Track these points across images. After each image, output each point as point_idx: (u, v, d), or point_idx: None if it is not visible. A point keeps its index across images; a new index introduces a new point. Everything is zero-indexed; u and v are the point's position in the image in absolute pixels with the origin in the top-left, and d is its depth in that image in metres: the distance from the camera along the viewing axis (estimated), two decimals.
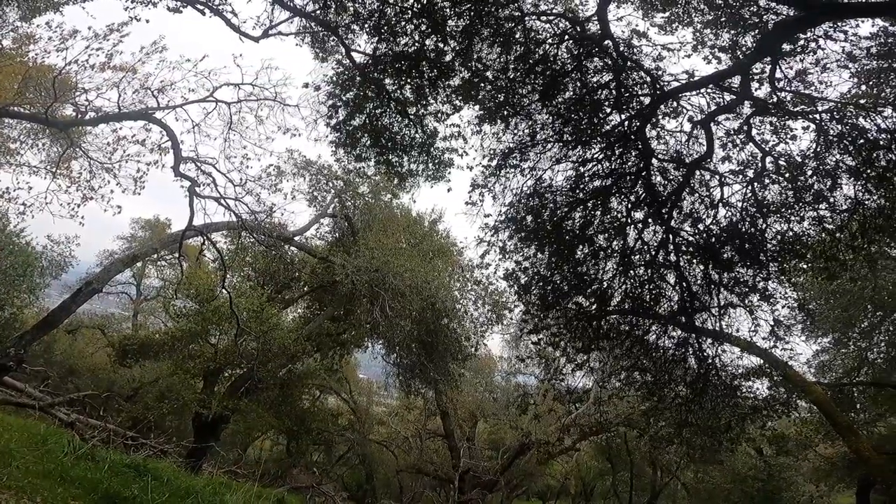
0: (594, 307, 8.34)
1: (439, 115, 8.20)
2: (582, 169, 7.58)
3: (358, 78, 8.06)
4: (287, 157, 16.19)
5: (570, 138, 7.55)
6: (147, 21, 9.36)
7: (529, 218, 8.05)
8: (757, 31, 6.63)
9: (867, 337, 14.18)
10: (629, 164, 7.68)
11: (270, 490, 7.70)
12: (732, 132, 7.44)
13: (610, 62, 7.05)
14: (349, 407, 23.66)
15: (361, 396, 25.57)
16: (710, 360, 8.27)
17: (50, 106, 11.57)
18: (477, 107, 7.75)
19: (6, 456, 4.86)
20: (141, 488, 4.82)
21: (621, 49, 6.95)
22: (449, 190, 10.46)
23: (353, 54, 8.01)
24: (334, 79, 8.22)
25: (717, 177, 7.64)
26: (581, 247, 8.04)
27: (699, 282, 7.96)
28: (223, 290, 13.81)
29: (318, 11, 7.85)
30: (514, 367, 23.21)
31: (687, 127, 7.56)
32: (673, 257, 7.72)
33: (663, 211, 7.46)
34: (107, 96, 12.38)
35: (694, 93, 7.12)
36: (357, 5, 7.41)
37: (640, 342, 8.50)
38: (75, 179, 13.52)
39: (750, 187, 7.55)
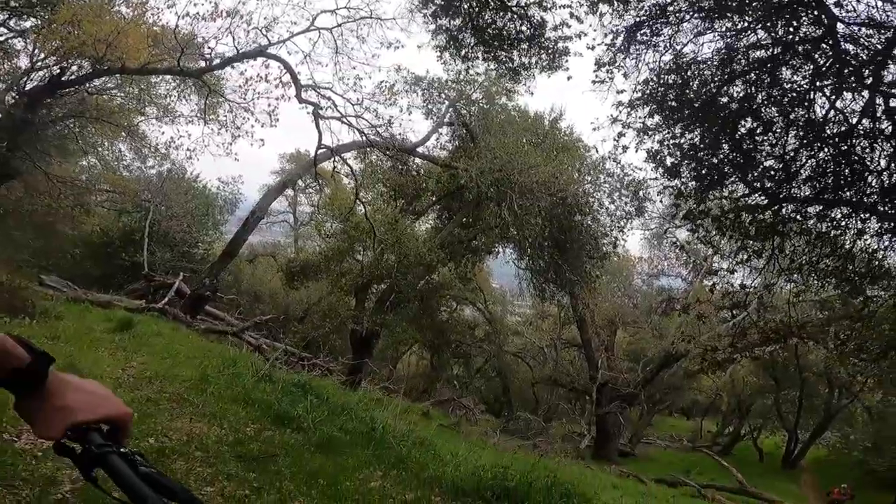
0: (769, 190, 7.06)
1: (544, 3, 7.08)
2: (734, 41, 6.06)
3: None
4: (396, 75, 16.22)
5: (712, 7, 5.99)
6: None
7: (671, 94, 6.98)
8: None
9: None
10: (802, 31, 5.94)
11: (417, 405, 8.37)
12: None
13: None
14: (485, 318, 24.13)
15: (496, 306, 25.89)
16: None
17: (179, 57, 12.82)
18: None
19: (205, 382, 5.88)
20: (304, 407, 5.52)
21: None
22: (569, 78, 9.78)
23: None
24: None
25: None
26: (744, 121, 6.76)
27: None
28: (359, 204, 14.87)
29: None
30: (657, 267, 21.46)
31: None
32: (886, 125, 5.97)
33: (864, 74, 5.67)
34: (224, 42, 14.01)
35: None
36: None
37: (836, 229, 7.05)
38: (223, 123, 15.55)
39: None
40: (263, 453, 4.25)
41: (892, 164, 6.44)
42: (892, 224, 6.70)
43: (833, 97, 6.08)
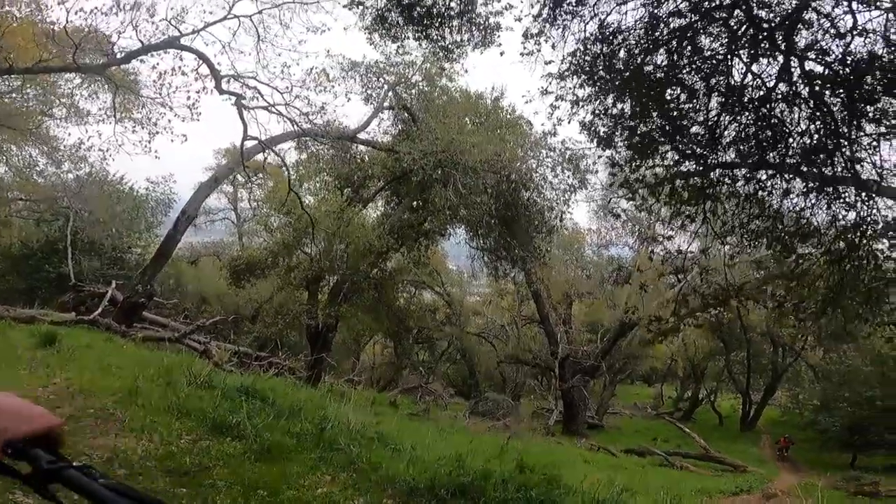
0: (698, 156, 7.28)
1: None
2: (654, 9, 6.16)
3: None
4: (330, 61, 15.86)
5: None
6: None
7: (600, 64, 7.09)
8: None
9: None
10: None
11: (384, 395, 8.15)
12: None
13: None
14: (444, 300, 23.85)
15: (454, 288, 25.71)
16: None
17: (74, 53, 11.86)
18: None
19: (134, 394, 5.48)
20: (246, 413, 5.23)
21: None
22: (501, 54, 10.06)
23: None
24: None
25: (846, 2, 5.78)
26: (670, 90, 6.94)
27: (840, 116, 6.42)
28: (293, 192, 14.44)
29: None
30: (605, 238, 21.99)
31: None
32: (802, 88, 6.21)
33: (776, 36, 5.86)
34: (128, 36, 13.18)
35: None
36: None
37: (763, 190, 7.33)
38: (138, 120, 14.52)
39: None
40: (196, 466, 3.99)
41: (812, 126, 6.72)
42: (816, 183, 7.01)
43: (749, 61, 6.23)
